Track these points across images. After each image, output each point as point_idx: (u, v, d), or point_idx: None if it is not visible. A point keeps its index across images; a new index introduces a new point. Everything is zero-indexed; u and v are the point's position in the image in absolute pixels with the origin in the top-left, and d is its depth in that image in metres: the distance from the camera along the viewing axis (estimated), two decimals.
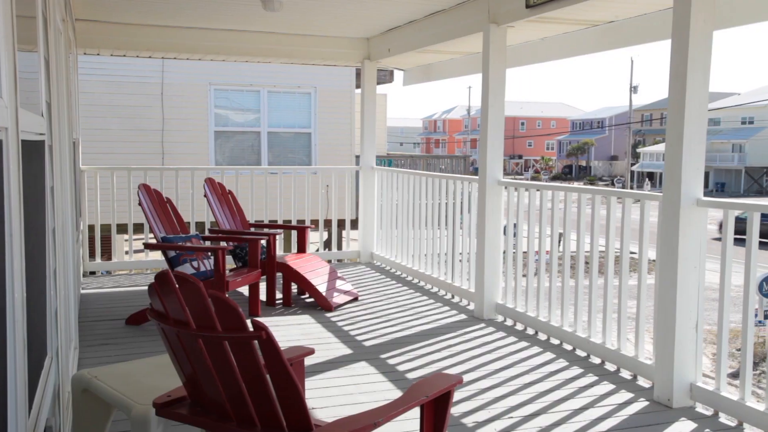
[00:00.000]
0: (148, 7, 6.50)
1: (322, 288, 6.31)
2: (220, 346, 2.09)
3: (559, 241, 5.36)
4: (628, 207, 4.68)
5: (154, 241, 5.96)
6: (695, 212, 4.01)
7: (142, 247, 6.96)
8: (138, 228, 7.94)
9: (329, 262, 8.33)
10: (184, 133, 12.91)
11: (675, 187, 4.01)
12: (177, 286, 2.12)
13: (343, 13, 6.78)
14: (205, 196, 6.65)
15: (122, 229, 8.05)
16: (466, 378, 4.46)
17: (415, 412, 2.43)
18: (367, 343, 5.25)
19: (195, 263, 5.72)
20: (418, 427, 2.49)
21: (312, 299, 6.47)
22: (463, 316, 6.06)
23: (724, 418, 3.86)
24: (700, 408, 4.01)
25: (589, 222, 4.99)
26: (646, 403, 4.10)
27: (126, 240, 8.13)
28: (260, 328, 1.99)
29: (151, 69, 12.48)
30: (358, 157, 10.95)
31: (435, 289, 7.05)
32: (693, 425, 3.79)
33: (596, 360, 4.85)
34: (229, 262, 6.74)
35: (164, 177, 7.79)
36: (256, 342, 2.04)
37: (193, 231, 7.38)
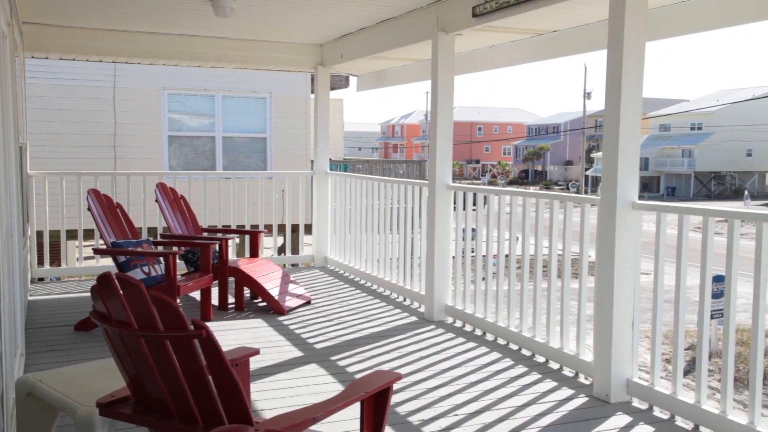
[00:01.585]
0: (97, 11, 6.47)
1: (274, 292, 6.36)
2: (162, 345, 2.14)
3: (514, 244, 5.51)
4: (570, 210, 4.85)
5: (104, 246, 5.93)
6: (630, 215, 4.18)
7: (92, 253, 6.90)
8: (88, 234, 7.87)
9: (283, 266, 8.38)
10: (137, 138, 12.79)
11: (611, 191, 4.18)
12: (119, 287, 2.17)
13: (296, 20, 6.85)
14: (156, 201, 6.64)
15: (72, 235, 7.97)
16: (413, 378, 4.57)
17: (357, 409, 2.52)
18: (318, 346, 5.32)
19: (146, 268, 5.71)
20: (360, 422, 2.58)
21: (265, 303, 6.50)
22: (414, 319, 6.17)
23: (657, 412, 4.03)
24: (636, 402, 4.18)
25: (544, 227, 5.14)
26: (586, 398, 4.26)
27: (77, 246, 8.04)
28: (200, 327, 2.05)
29: (102, 73, 12.34)
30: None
31: (387, 293, 7.15)
32: (628, 419, 3.95)
33: (540, 359, 5.00)
34: (182, 268, 6.73)
35: (116, 182, 7.74)
36: (196, 341, 2.10)
37: (144, 236, 7.35)
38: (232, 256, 8.35)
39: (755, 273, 3.53)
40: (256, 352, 2.84)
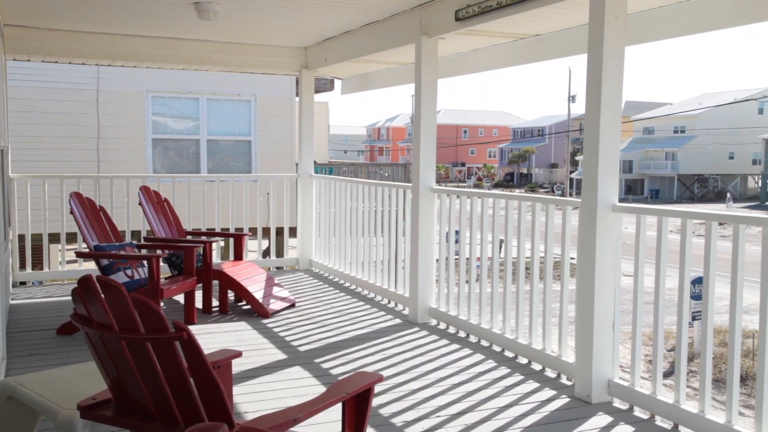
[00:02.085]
0: (80, 13, 6.45)
1: (258, 295, 6.36)
2: (143, 347, 2.15)
3: (500, 247, 5.54)
4: (552, 213, 4.90)
5: (87, 250, 5.91)
6: (611, 217, 4.23)
7: (75, 256, 6.87)
8: (71, 237, 7.83)
9: (268, 269, 8.38)
10: (120, 141, 12.73)
11: (592, 193, 4.22)
12: (100, 290, 2.17)
13: (279, 23, 6.86)
14: (140, 204, 6.62)
15: (55, 238, 7.92)
16: (397, 380, 4.59)
17: (339, 410, 2.53)
18: (302, 348, 5.33)
19: (129, 271, 5.70)
20: (342, 423, 2.59)
21: (249, 306, 6.50)
22: (398, 321, 6.19)
23: (638, 412, 4.07)
24: (617, 403, 4.22)
25: (527, 229, 5.18)
26: (568, 399, 4.30)
27: (59, 250, 7.99)
28: (181, 328, 2.06)
29: (86, 75, 12.28)
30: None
31: (372, 295, 7.17)
32: (609, 419, 3.99)
33: (523, 360, 5.04)
34: (165, 271, 6.72)
35: (99, 185, 7.70)
36: (177, 343, 2.11)
37: (128, 239, 7.32)
38: (216, 259, 8.35)
39: (732, 274, 3.58)
40: (238, 354, 2.85)
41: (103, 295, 2.20)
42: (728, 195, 58.46)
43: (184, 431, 1.78)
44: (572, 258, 5.67)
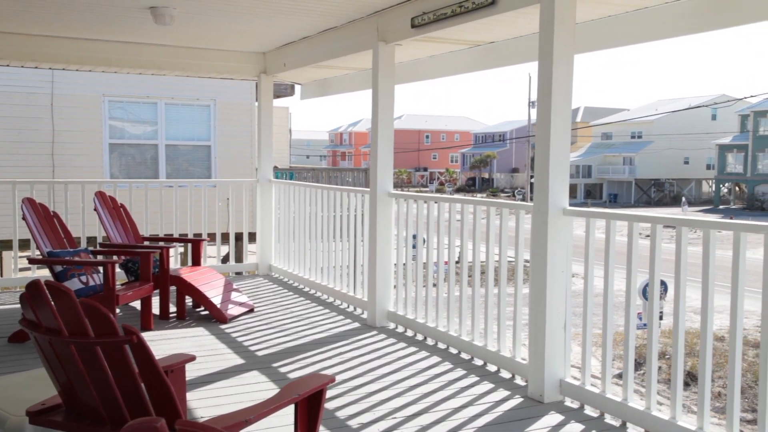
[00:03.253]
0: (33, 16, 6.36)
1: (216, 300, 6.34)
2: (93, 351, 2.16)
3: (458, 252, 5.62)
4: (506, 217, 5.00)
5: (39, 256, 5.83)
6: (561, 220, 4.33)
7: (28, 263, 6.75)
8: (24, 244, 7.69)
9: (227, 274, 8.34)
10: (76, 146, 12.53)
11: (543, 197, 4.33)
12: (48, 294, 2.17)
13: (237, 28, 6.86)
14: (95, 209, 6.55)
15: (7, 245, 7.78)
16: (353, 383, 4.63)
17: (291, 411, 2.56)
18: (260, 353, 5.33)
19: (84, 278, 5.63)
20: (294, 425, 2.62)
21: (207, 312, 6.47)
22: (356, 325, 6.23)
23: (588, 410, 4.18)
24: (569, 402, 4.32)
25: (482, 232, 5.25)
26: (521, 399, 4.39)
27: (12, 257, 7.85)
28: (131, 332, 2.08)
29: (40, 79, 12.07)
30: None
31: (331, 300, 7.19)
32: (560, 418, 4.09)
33: (479, 362, 5.12)
34: (122, 277, 6.65)
35: (53, 191, 7.59)
36: (128, 347, 2.12)
37: (83, 246, 7.24)
38: (176, 265, 8.29)
39: (675, 276, 3.71)
40: (191, 358, 2.86)
41: (52, 300, 2.20)
42: (683, 199, 59.85)
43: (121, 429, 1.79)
44: (527, 261, 5.80)
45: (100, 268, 5.69)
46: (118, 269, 6.06)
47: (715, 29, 4.53)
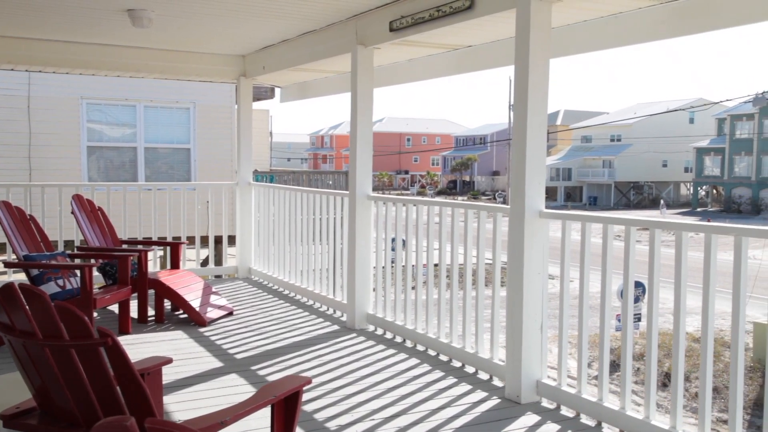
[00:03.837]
0: (8, 18, 6.31)
1: (195, 303, 6.32)
2: (68, 354, 2.15)
3: (439, 254, 5.65)
4: (483, 220, 5.04)
5: (15, 260, 5.78)
6: (538, 223, 4.38)
7: (3, 267, 6.69)
8: (0, 248, 7.61)
9: (207, 278, 8.32)
10: (54, 149, 12.42)
11: (520, 200, 4.37)
12: (22, 297, 2.17)
13: (216, 30, 6.85)
14: (72, 213, 6.51)
15: None
16: (332, 385, 4.64)
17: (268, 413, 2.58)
18: (239, 356, 5.33)
19: (60, 281, 5.60)
20: (270, 426, 2.63)
21: (186, 315, 6.45)
22: (336, 327, 6.24)
23: (564, 410, 4.23)
24: (546, 402, 4.37)
25: (460, 235, 5.28)
26: (498, 400, 4.43)
27: None
28: (106, 334, 2.08)
29: (16, 81, 11.94)
30: None
31: (311, 302, 7.19)
32: (537, 418, 4.13)
33: (457, 363, 5.15)
34: (100, 281, 6.61)
35: (30, 194, 7.53)
36: (103, 349, 2.12)
37: (60, 249, 7.18)
38: (156, 268, 8.26)
39: (648, 278, 3.77)
40: (168, 361, 2.86)
41: (26, 303, 2.20)
42: (662, 202, 60.46)
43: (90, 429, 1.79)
44: (505, 263, 5.84)
45: (78, 272, 5.65)
46: (95, 273, 6.04)
47: (689, 34, 4.60)
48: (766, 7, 4.02)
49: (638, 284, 14.40)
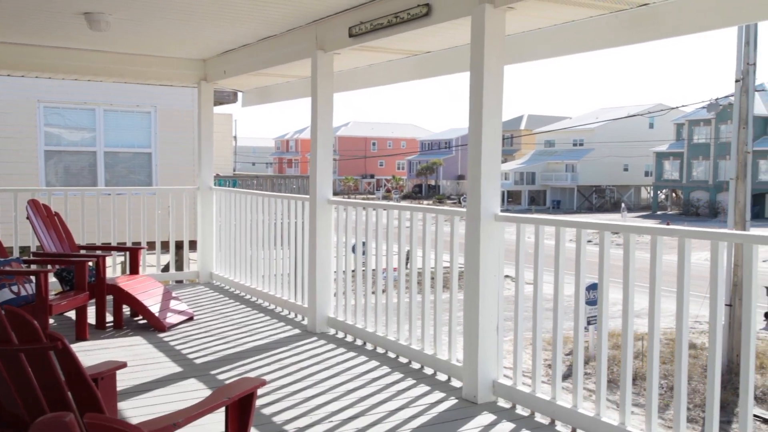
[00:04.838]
0: None
1: (155, 309, 6.28)
2: (17, 359, 2.15)
3: (407, 260, 5.70)
4: (441, 223, 5.11)
5: None
6: (493, 226, 4.46)
7: None
8: None
9: (167, 283, 8.25)
10: (9, 153, 12.19)
11: (476, 203, 4.45)
12: None
13: (175, 35, 6.82)
14: (27, 218, 6.42)
15: None
16: (291, 388, 4.66)
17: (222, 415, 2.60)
18: (198, 361, 5.31)
19: (15, 288, 5.52)
20: (225, 429, 2.66)
21: (145, 321, 6.40)
22: (296, 331, 6.26)
23: (519, 410, 4.31)
24: (502, 402, 4.45)
25: (418, 238, 5.35)
26: (456, 400, 4.49)
27: None
28: (56, 338, 2.08)
29: None
30: None
31: (272, 307, 7.19)
32: (493, 417, 4.21)
33: (416, 365, 5.21)
34: (57, 287, 6.53)
35: None
36: (53, 354, 2.13)
37: (15, 255, 7.07)
38: (116, 274, 8.16)
39: (599, 278, 3.87)
40: (122, 365, 2.86)
41: None
42: (623, 205, 61.56)
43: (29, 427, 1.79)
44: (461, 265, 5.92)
45: (33, 278, 5.58)
46: (52, 279, 5.97)
47: (639, 42, 4.73)
48: (707, 18, 4.18)
49: (594, 286, 14.67)
